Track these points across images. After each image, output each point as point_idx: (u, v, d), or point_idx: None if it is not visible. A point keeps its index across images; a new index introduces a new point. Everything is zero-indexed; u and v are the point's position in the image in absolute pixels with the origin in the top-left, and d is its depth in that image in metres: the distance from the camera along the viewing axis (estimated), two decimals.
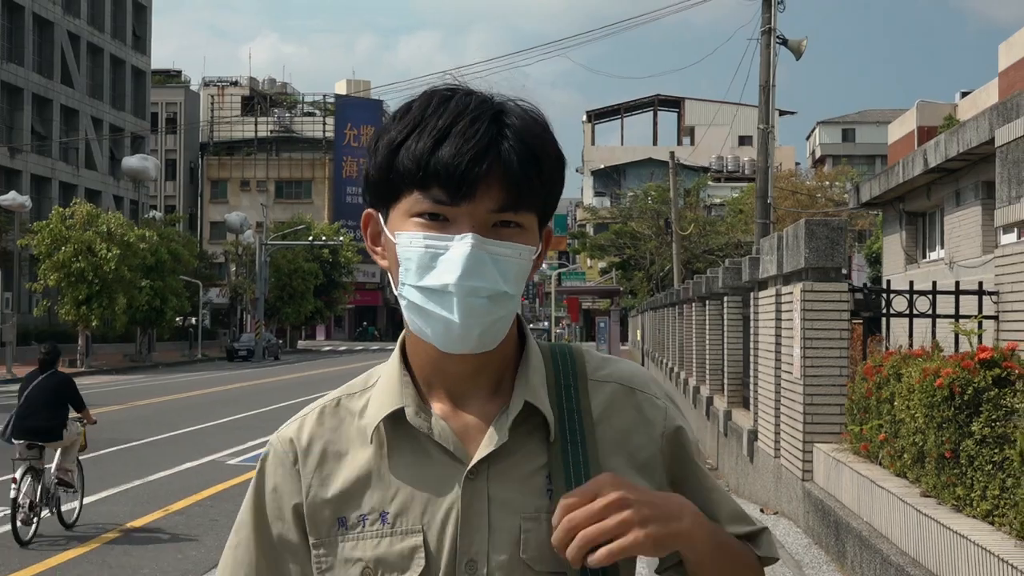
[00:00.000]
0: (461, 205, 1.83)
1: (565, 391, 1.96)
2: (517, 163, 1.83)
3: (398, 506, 1.92)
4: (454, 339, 1.86)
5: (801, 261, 11.83)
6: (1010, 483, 6.65)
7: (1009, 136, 11.19)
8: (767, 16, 25.09)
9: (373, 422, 1.96)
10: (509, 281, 1.86)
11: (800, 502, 12.14)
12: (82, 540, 13.30)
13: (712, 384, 21.99)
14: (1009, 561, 6.09)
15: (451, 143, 1.82)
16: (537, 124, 1.91)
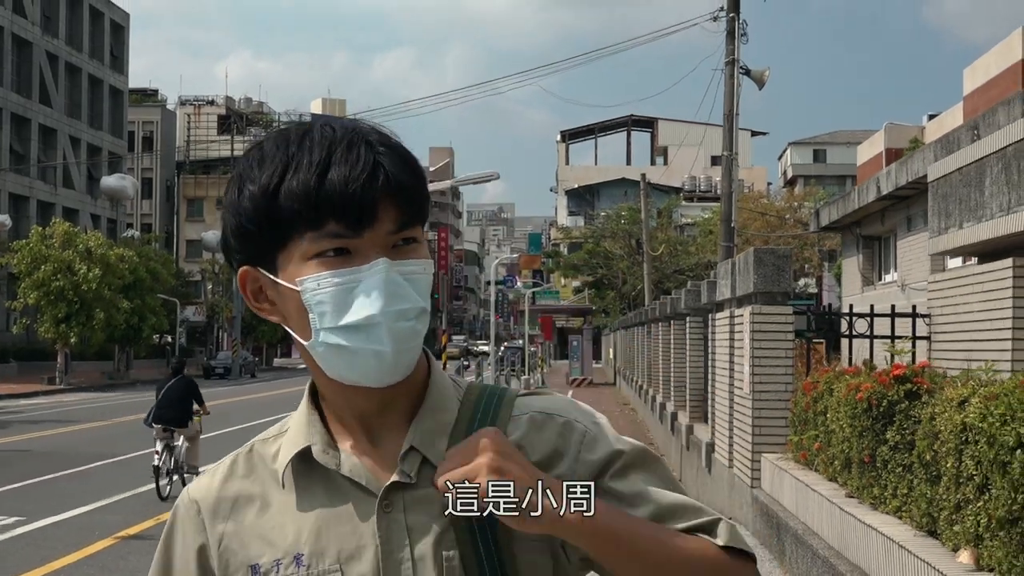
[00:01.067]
0: (363, 233, 1.79)
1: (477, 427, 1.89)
2: (406, 179, 1.81)
3: (312, 546, 1.88)
4: (385, 371, 1.83)
5: (751, 286, 12.89)
6: (915, 483, 7.66)
7: (939, 172, 12.25)
8: (731, 48, 26.12)
9: (282, 463, 1.93)
10: (424, 298, 1.84)
11: (749, 508, 13.19)
12: (79, 546, 14.19)
13: (676, 400, 23.00)
14: (910, 549, 7.12)
15: (337, 171, 1.76)
16: (399, 142, 1.88)
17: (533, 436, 1.90)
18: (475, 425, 1.89)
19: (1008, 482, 5.74)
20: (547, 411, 1.95)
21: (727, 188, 26.29)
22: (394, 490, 1.86)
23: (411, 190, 1.82)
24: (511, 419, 1.92)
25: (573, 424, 1.93)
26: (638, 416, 34.96)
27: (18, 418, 36.90)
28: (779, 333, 12.82)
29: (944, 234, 11.97)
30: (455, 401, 1.95)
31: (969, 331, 10.80)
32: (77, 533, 14.99)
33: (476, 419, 1.91)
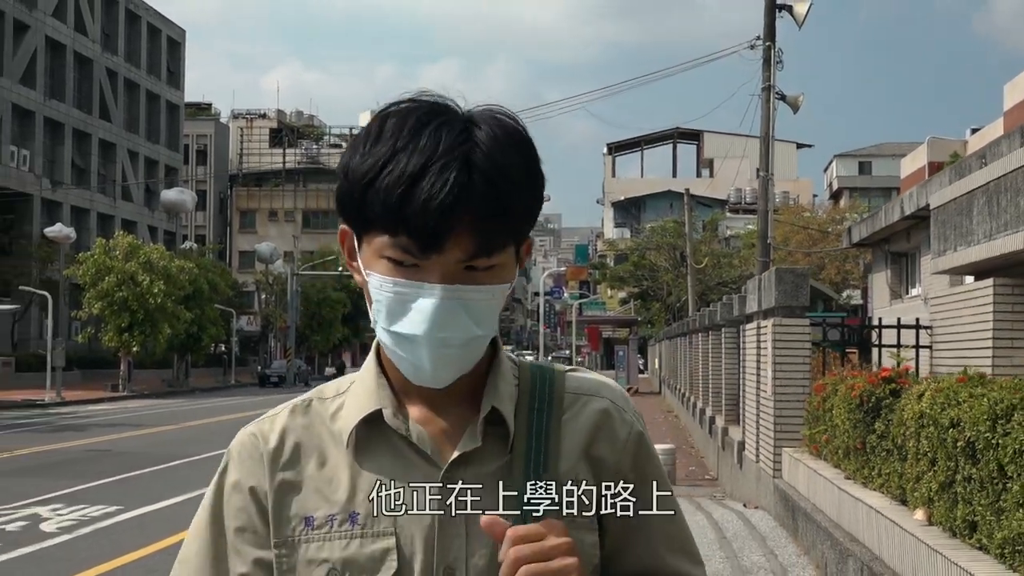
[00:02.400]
0: (431, 257, 1.80)
1: (539, 403, 1.96)
2: (488, 213, 1.79)
3: (369, 507, 1.88)
4: (425, 379, 1.88)
5: (772, 301, 14.63)
6: (893, 463, 9.38)
7: (939, 201, 13.97)
8: (767, 75, 27.79)
9: (349, 423, 1.94)
10: (482, 324, 1.85)
11: (772, 495, 14.91)
12: (176, 530, 15.97)
13: (714, 405, 24.70)
14: (883, 514, 8.89)
15: (422, 192, 1.76)
16: (508, 148, 1.84)
17: (583, 417, 1.98)
18: (536, 393, 1.97)
19: (944, 454, 7.49)
20: (597, 394, 2.03)
21: (763, 207, 27.96)
22: (457, 464, 1.89)
23: (491, 226, 1.80)
24: (567, 397, 1.99)
25: (622, 414, 2.02)
26: (680, 422, 36.60)
27: (92, 422, 38.85)
28: (797, 342, 14.57)
29: (942, 256, 13.68)
30: (513, 372, 2.01)
31: (962, 341, 12.50)
32: (172, 519, 16.73)
33: (536, 390, 1.98)
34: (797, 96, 28.49)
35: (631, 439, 2.01)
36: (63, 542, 14.87)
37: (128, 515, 17.15)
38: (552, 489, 1.84)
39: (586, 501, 1.88)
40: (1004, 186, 11.53)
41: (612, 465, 1.97)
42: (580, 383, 2.05)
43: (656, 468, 2.04)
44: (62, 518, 16.64)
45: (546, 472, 1.88)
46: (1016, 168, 11.10)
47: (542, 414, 1.96)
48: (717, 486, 20.72)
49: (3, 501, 18.08)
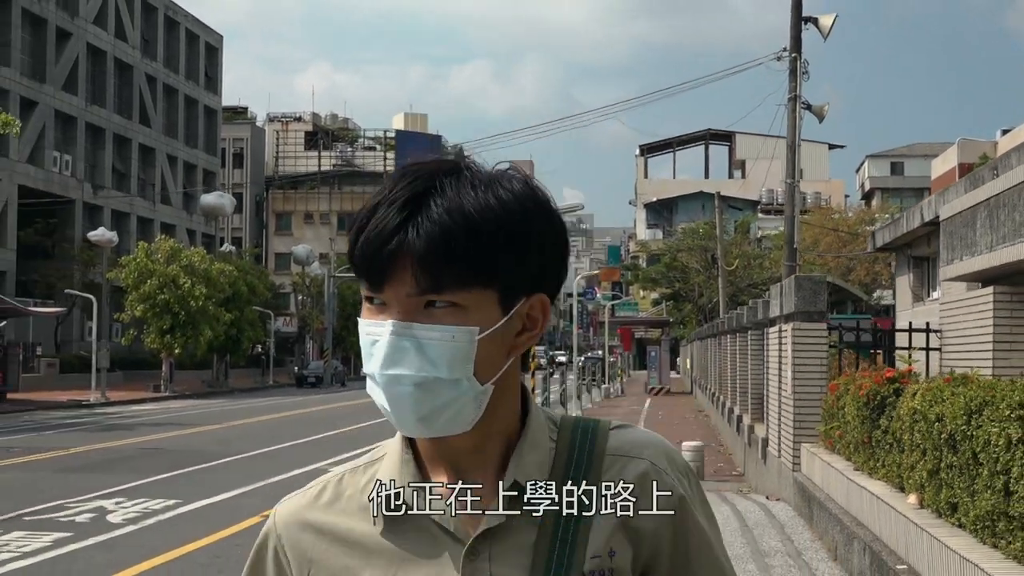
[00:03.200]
0: (383, 291, 1.81)
1: (575, 471, 1.90)
2: (422, 246, 1.77)
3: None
4: (402, 423, 1.85)
5: (792, 306, 15.66)
6: (893, 455, 10.42)
7: (947, 213, 14.97)
8: (793, 85, 28.78)
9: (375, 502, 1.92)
10: (440, 366, 1.79)
11: (791, 488, 15.95)
12: (233, 521, 17.07)
13: (741, 404, 25.70)
14: (882, 499, 9.94)
15: (367, 232, 1.81)
16: (481, 197, 1.82)
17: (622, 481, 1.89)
18: (574, 458, 1.91)
19: (931, 445, 8.54)
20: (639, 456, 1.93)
21: (790, 212, 28.94)
22: (482, 539, 1.85)
23: (428, 260, 1.77)
24: (607, 459, 1.92)
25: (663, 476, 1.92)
26: (711, 421, 37.56)
27: (139, 422, 40.10)
28: (815, 344, 15.61)
29: (950, 264, 14.68)
30: (550, 433, 1.95)
31: (967, 344, 13.53)
32: (230, 512, 17.85)
33: (574, 453, 1.92)
34: (823, 106, 29.48)
35: (671, 504, 1.91)
36: (130, 532, 15.96)
37: (187, 508, 18.24)
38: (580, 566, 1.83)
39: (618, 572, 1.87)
40: (1003, 201, 12.54)
41: (650, 535, 1.90)
42: (623, 442, 1.95)
43: (700, 537, 1.95)
44: (126, 510, 17.74)
45: (574, 552, 1.84)
46: (1013, 185, 12.10)
47: (577, 481, 1.88)
48: (743, 481, 21.70)
49: (69, 495, 19.21)
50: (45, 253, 71.05)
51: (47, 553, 14.19)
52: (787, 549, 12.91)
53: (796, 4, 28.99)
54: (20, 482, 21.44)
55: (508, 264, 1.83)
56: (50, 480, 21.68)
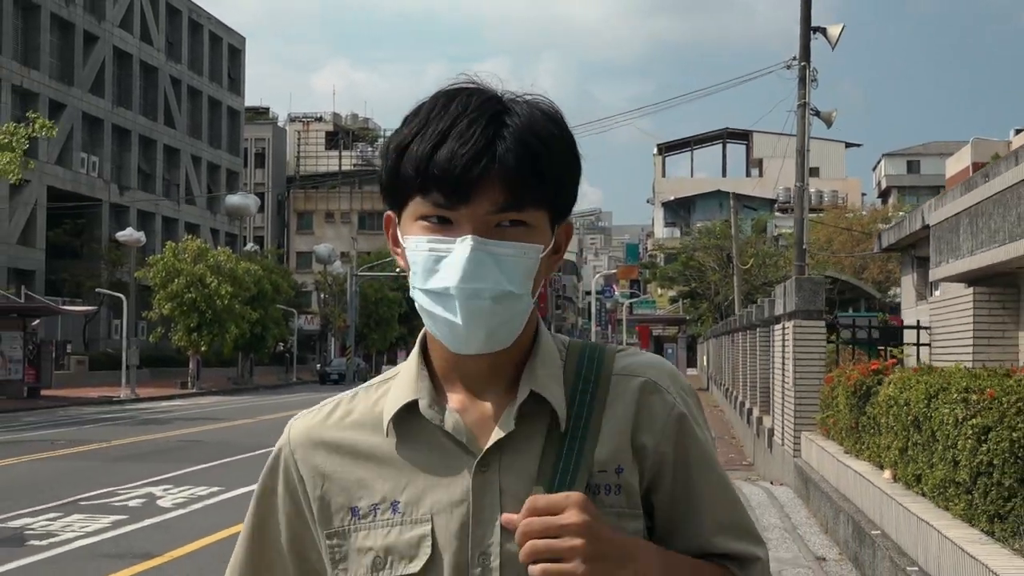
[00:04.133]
0: (460, 208, 1.84)
1: (583, 385, 1.96)
2: (514, 162, 1.84)
3: (409, 495, 1.93)
4: (460, 341, 1.88)
5: (793, 305, 16.95)
6: (874, 436, 11.71)
7: (936, 219, 16.24)
8: (802, 92, 29.98)
9: (388, 414, 1.98)
10: (514, 281, 1.86)
11: (792, 472, 17.25)
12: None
13: (751, 397, 26.98)
14: (863, 475, 11.24)
15: (447, 147, 1.82)
16: (544, 120, 1.91)
17: (626, 397, 1.96)
18: (582, 374, 1.98)
19: (901, 426, 9.84)
20: (643, 375, 1.99)
21: (799, 215, 30.13)
22: (493, 451, 1.90)
23: (517, 176, 1.84)
24: (614, 379, 1.98)
25: (664, 394, 1.98)
26: (725, 415, 38.82)
27: (172, 416, 41.46)
28: (814, 341, 16.91)
29: (938, 266, 15.95)
30: (560, 353, 2.02)
31: (952, 339, 14.83)
32: None
33: (582, 370, 1.98)
34: (831, 112, 30.72)
35: (671, 421, 1.97)
36: (181, 515, 17.20)
37: (231, 494, 19.48)
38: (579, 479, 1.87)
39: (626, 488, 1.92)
40: (982, 210, 13.81)
41: (652, 451, 1.95)
42: (628, 363, 2.02)
43: (700, 450, 2.00)
44: (174, 496, 19.03)
45: (580, 459, 1.89)
46: (990, 196, 13.38)
47: (585, 396, 1.95)
48: (753, 470, 22.95)
49: (119, 482, 20.50)
50: (73, 253, 72.45)
51: (108, 533, 15.41)
52: (784, 525, 14.28)
53: (805, 15, 30.16)
54: (70, 471, 22.73)
55: (563, 187, 1.94)
56: (98, 469, 22.97)
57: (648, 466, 1.96)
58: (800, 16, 30.21)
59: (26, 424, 37.08)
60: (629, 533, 1.89)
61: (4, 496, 18.80)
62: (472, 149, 1.83)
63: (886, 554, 9.38)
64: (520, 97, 1.94)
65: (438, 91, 1.94)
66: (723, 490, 2.03)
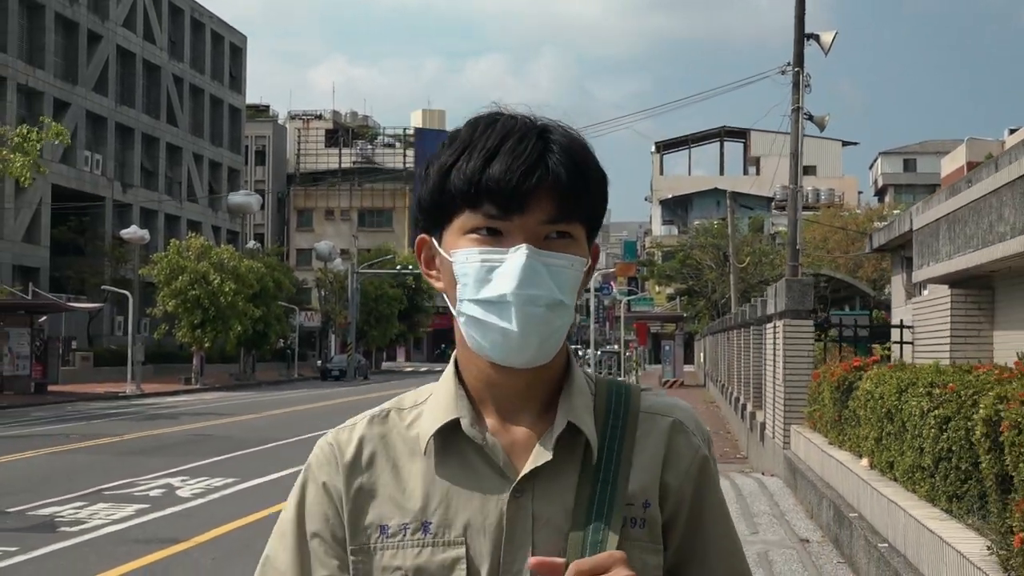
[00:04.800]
0: (513, 218, 1.88)
1: (613, 420, 2.00)
2: (565, 175, 1.90)
3: (441, 516, 1.94)
4: (513, 349, 1.89)
5: (783, 305, 17.84)
6: (855, 428, 12.61)
7: (919, 224, 17.11)
8: (796, 97, 30.86)
9: (427, 432, 1.99)
10: (564, 291, 1.89)
11: (782, 463, 18.16)
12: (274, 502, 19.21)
13: (744, 393, 27.90)
14: (844, 463, 12.15)
15: (501, 160, 1.88)
16: (580, 142, 1.98)
17: (654, 437, 2.02)
18: (612, 410, 2.01)
19: (876, 417, 10.74)
20: (670, 415, 2.06)
21: (792, 217, 31.01)
22: (528, 478, 1.93)
23: (568, 187, 1.90)
24: (641, 416, 2.04)
25: (690, 437, 2.05)
26: (721, 411, 39.69)
27: (179, 412, 42.15)
28: (802, 339, 17.82)
29: (920, 269, 16.84)
30: (589, 387, 2.05)
31: (931, 337, 15.72)
32: (284, 488, 19.78)
33: (612, 406, 2.02)
34: (823, 116, 31.65)
35: (695, 464, 2.03)
36: (200, 504, 18.03)
37: (245, 485, 20.32)
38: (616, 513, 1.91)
39: (650, 523, 1.96)
40: (958, 217, 14.69)
41: (675, 490, 2.00)
42: (654, 403, 2.07)
43: (716, 497, 2.07)
44: (192, 487, 19.86)
45: (615, 493, 1.92)
46: (966, 204, 14.26)
47: (616, 431, 1.98)
48: (747, 463, 23.84)
49: (137, 474, 21.34)
50: (77, 250, 73.17)
51: (133, 520, 16.24)
52: (773, 511, 15.23)
53: (799, 21, 31.04)
54: (88, 463, 23.57)
55: (601, 202, 2.01)
56: (115, 462, 23.80)
57: (669, 505, 2.00)
58: (794, 23, 31.08)
59: (36, 419, 37.85)
60: (650, 568, 1.96)
61: (30, 486, 19.70)
62: (527, 161, 1.89)
63: (861, 534, 10.34)
64: (553, 122, 2.00)
65: (473, 118, 2.00)
66: (732, 541, 2.09)
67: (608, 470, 1.95)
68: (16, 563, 13.15)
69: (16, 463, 23.64)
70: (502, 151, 1.89)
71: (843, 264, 62.42)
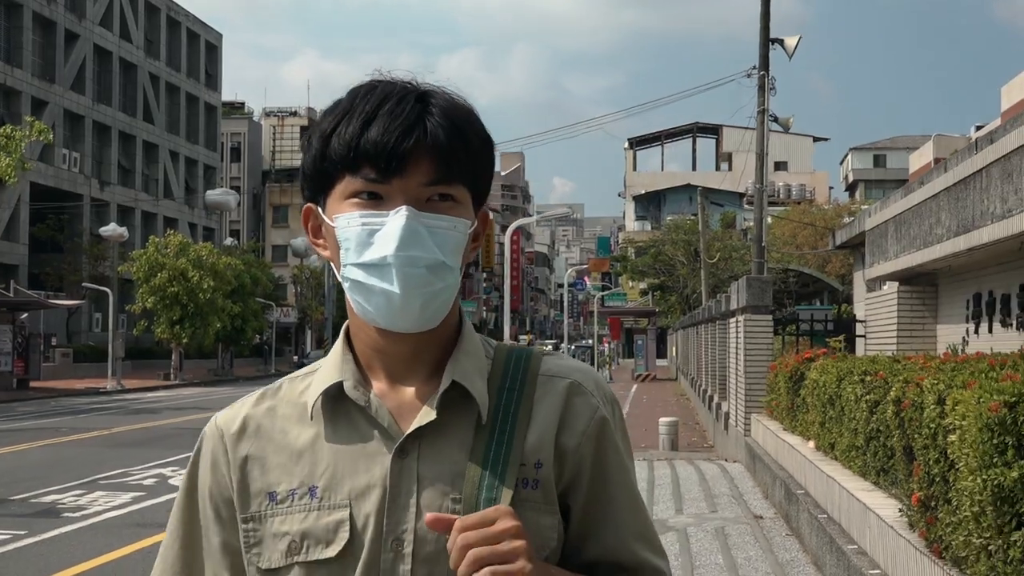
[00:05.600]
0: (392, 181, 1.87)
1: (510, 383, 2.00)
2: (444, 137, 1.89)
3: (327, 480, 1.95)
4: (396, 312, 1.89)
5: (744, 301, 18.95)
6: (804, 414, 13.72)
7: (871, 225, 18.24)
8: (761, 99, 31.98)
9: (312, 397, 1.99)
10: (446, 252, 1.89)
11: (743, 450, 19.29)
12: None
13: (711, 384, 29.05)
14: (793, 446, 13.28)
15: (378, 123, 1.87)
16: (462, 106, 1.97)
17: (552, 399, 1.99)
18: (509, 373, 2.01)
19: (820, 403, 11.85)
20: (568, 377, 2.04)
21: (758, 215, 32.15)
22: (413, 438, 1.93)
23: (448, 149, 1.89)
24: (540, 379, 2.02)
25: (588, 398, 2.02)
26: (691, 403, 40.79)
27: (161, 406, 43.21)
28: (761, 333, 18.94)
29: (871, 267, 17.96)
30: (485, 351, 2.06)
31: (881, 330, 16.86)
32: None
33: (509, 369, 2.02)
34: (788, 118, 32.89)
35: (593, 425, 2.01)
36: None
37: None
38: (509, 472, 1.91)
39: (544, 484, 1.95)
40: (903, 219, 15.82)
41: (573, 452, 1.98)
42: (553, 366, 2.06)
43: (618, 457, 2.04)
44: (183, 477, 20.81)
45: (510, 452, 1.92)
46: (909, 207, 15.39)
47: (512, 393, 1.99)
48: (713, 451, 24.94)
49: (129, 464, 22.27)
50: (55, 247, 73.80)
51: (131, 506, 17.20)
52: (732, 492, 16.36)
53: (764, 26, 32.15)
54: (81, 455, 24.49)
55: (484, 165, 2.00)
56: (107, 454, 24.75)
57: (568, 467, 1.98)
58: (759, 28, 32.19)
59: (23, 414, 38.73)
60: (544, 528, 1.95)
61: (30, 476, 20.65)
62: (404, 123, 1.89)
63: (806, 508, 11.49)
64: (435, 87, 1.99)
65: (355, 86, 2.00)
66: (636, 500, 2.06)
67: (503, 431, 1.95)
68: (28, 544, 14.13)
69: (12, 455, 24.63)
70: (380, 114, 1.91)
71: (812, 260, 63.51)
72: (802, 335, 21.59)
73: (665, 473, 19.02)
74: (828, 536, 10.02)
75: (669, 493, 16.65)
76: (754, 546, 12.39)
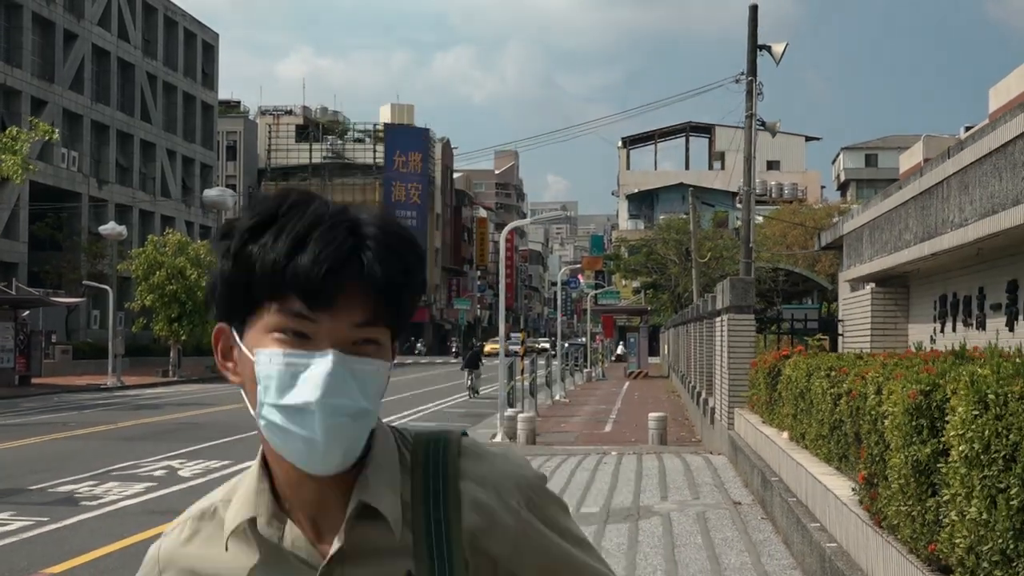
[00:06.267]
0: (320, 317, 1.77)
1: (433, 494, 1.90)
2: (381, 276, 1.78)
3: None
4: (317, 459, 1.79)
5: (728, 301, 19.88)
6: (780, 407, 14.66)
7: (848, 229, 19.17)
8: (749, 104, 32.92)
9: (227, 531, 1.92)
10: (369, 397, 1.80)
11: (727, 443, 20.23)
12: None
13: (699, 380, 30.00)
14: (770, 437, 14.24)
15: (311, 249, 1.74)
16: (402, 239, 1.84)
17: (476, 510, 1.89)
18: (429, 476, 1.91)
19: (791, 397, 12.80)
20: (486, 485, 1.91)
21: (746, 216, 33.09)
22: (335, 563, 1.86)
23: (387, 286, 1.79)
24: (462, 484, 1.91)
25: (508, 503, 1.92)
26: (680, 400, 41.68)
27: (163, 402, 44.04)
28: (744, 331, 19.88)
29: (847, 269, 18.90)
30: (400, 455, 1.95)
31: (857, 330, 17.80)
32: None
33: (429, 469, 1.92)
34: (775, 123, 33.85)
35: (517, 532, 1.92)
36: (202, 483, 19.78)
37: (243, 465, 21.64)
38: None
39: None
40: (877, 224, 16.76)
41: (507, 559, 1.92)
42: (469, 464, 1.95)
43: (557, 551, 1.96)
44: (191, 468, 21.63)
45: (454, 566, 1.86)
46: (882, 213, 16.33)
47: (439, 499, 1.90)
48: (700, 445, 25.86)
49: (139, 457, 23.17)
50: (54, 245, 74.51)
51: (144, 496, 18.08)
52: (715, 481, 17.36)
53: (752, 33, 33.10)
54: (91, 448, 25.37)
55: (413, 308, 1.90)
56: (115, 447, 25.63)
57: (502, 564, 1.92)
58: (747, 35, 33.13)
59: (28, 410, 39.52)
60: None
61: (45, 468, 21.54)
62: (337, 254, 1.76)
63: (778, 493, 12.50)
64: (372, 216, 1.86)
65: (278, 191, 1.87)
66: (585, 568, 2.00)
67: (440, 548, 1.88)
68: (51, 530, 15.01)
69: (25, 448, 25.51)
70: (312, 238, 1.76)
71: (802, 259, 64.38)
72: (786, 334, 22.53)
73: (653, 465, 20.00)
74: (795, 517, 11.04)
75: (656, 483, 17.62)
76: (731, 528, 13.42)
